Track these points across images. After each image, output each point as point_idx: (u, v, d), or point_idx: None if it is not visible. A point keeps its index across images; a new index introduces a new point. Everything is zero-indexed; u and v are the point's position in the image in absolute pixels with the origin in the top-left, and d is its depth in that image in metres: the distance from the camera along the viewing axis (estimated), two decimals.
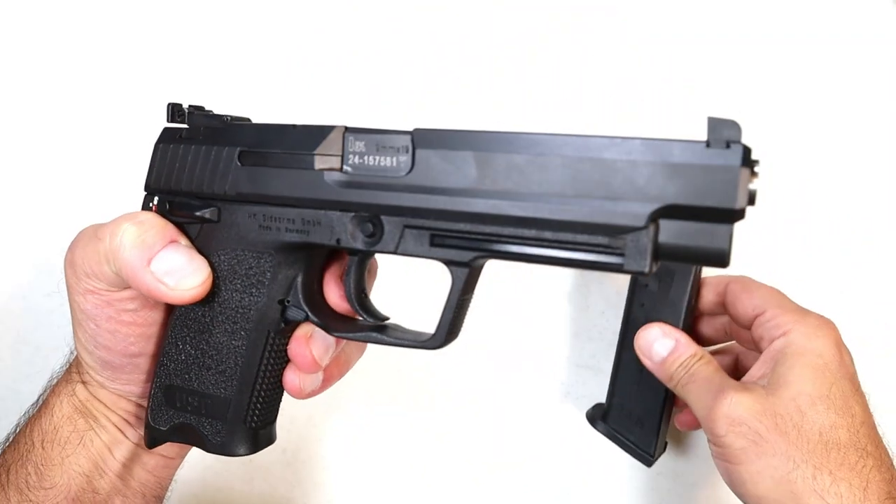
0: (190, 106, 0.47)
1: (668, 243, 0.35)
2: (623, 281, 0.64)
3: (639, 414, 0.58)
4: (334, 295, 0.48)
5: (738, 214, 0.34)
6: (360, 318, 0.47)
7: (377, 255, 0.47)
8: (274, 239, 0.44)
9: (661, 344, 0.51)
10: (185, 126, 0.47)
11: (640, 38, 0.63)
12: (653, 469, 0.65)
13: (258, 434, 0.48)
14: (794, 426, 0.44)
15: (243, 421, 0.47)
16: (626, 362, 0.59)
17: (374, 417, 0.70)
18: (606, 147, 0.36)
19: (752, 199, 0.35)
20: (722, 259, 0.35)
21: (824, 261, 0.61)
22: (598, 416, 0.61)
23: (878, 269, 0.61)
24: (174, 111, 0.46)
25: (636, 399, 0.58)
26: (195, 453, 0.68)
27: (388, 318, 0.48)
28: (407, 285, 0.61)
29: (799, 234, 0.62)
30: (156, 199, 0.47)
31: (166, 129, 0.48)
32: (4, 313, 0.74)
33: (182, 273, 0.43)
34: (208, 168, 0.45)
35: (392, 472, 0.70)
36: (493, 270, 0.46)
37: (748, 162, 0.34)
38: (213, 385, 0.47)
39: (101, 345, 0.46)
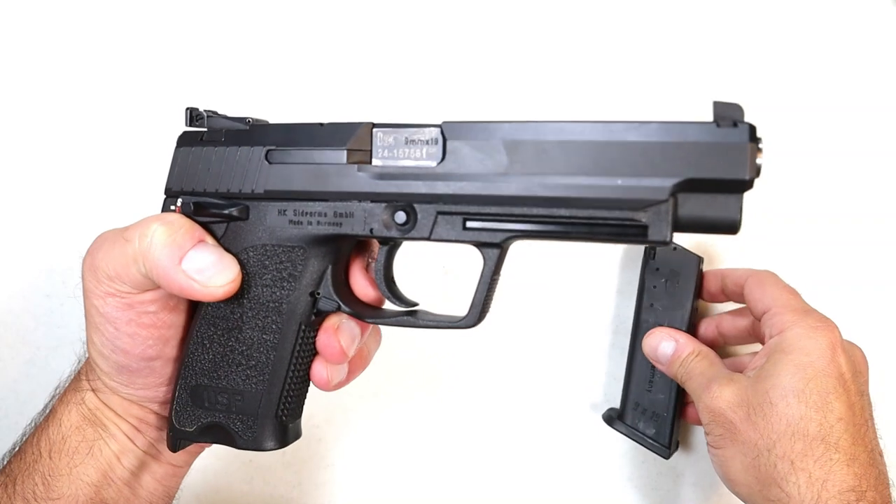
0: (206, 110, 0.48)
1: (686, 214, 0.39)
2: (624, 282, 0.64)
3: (654, 410, 0.61)
4: (359, 284, 0.49)
5: (748, 185, 0.37)
6: (387, 306, 0.49)
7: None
8: (306, 233, 0.46)
9: (665, 346, 0.56)
10: (203, 129, 0.48)
11: (640, 37, 0.63)
12: (653, 469, 0.65)
13: (287, 428, 0.49)
14: (763, 416, 0.47)
15: (274, 415, 0.48)
16: (639, 362, 0.62)
17: (375, 417, 0.70)
18: (628, 130, 0.39)
19: (758, 172, 0.38)
20: (733, 227, 0.38)
21: (824, 261, 0.61)
22: (616, 416, 0.63)
23: (878, 269, 0.61)
24: (192, 115, 0.47)
25: (651, 396, 0.61)
26: None
27: (417, 304, 0.49)
28: (407, 274, 0.61)
29: (799, 234, 0.62)
30: (178, 201, 0.47)
31: (185, 133, 0.48)
32: (4, 313, 0.74)
33: (213, 270, 0.44)
34: (235, 168, 0.46)
35: (393, 472, 0.70)
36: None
37: (754, 138, 0.38)
38: (243, 381, 0.47)
39: (119, 348, 0.46)
